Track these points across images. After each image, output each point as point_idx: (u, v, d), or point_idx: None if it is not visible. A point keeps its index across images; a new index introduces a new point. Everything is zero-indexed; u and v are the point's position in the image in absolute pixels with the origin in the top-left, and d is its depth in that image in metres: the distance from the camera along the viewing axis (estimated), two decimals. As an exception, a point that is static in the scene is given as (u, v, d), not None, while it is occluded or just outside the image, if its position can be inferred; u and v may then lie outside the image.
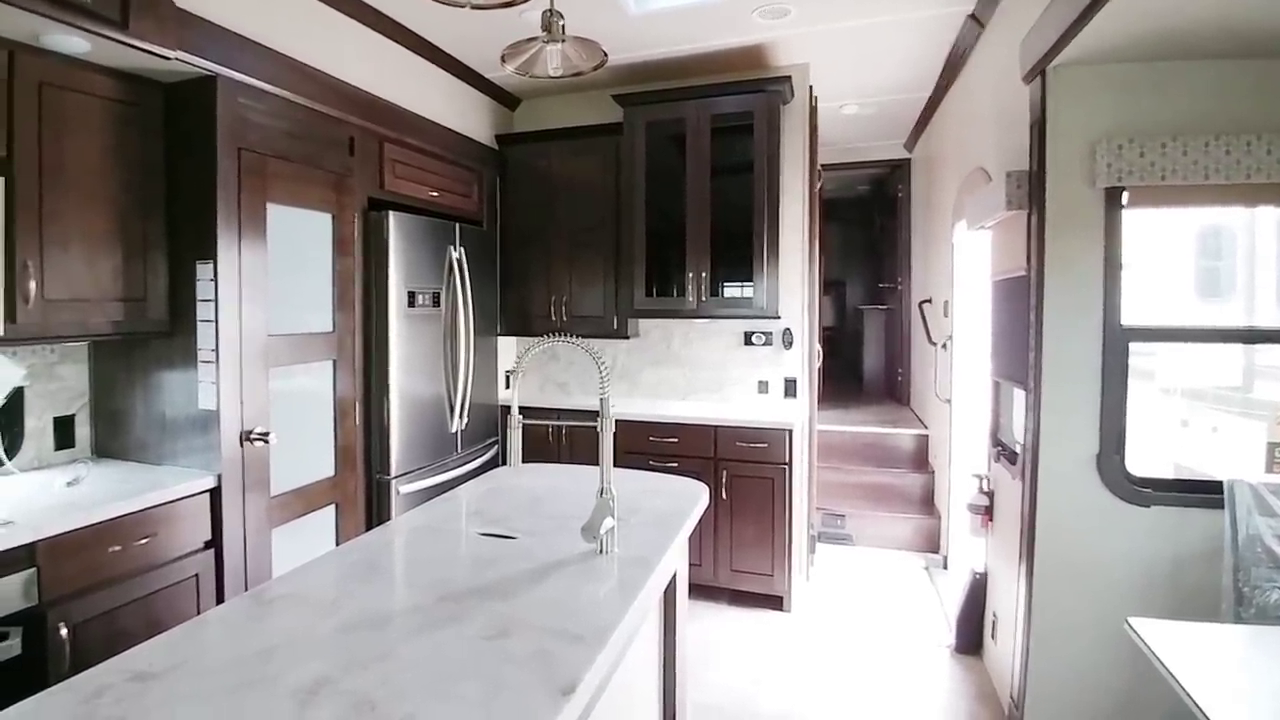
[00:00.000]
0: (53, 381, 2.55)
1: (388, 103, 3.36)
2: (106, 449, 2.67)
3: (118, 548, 2.11)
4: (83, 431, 2.65)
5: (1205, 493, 2.32)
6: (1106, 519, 2.41)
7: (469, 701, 1.07)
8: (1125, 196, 2.38)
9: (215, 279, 2.47)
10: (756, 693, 2.97)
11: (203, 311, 2.50)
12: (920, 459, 5.19)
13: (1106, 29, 2.08)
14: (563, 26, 2.08)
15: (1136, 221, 2.44)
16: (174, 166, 2.53)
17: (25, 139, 2.09)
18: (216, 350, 2.48)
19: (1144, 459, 2.54)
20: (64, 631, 1.95)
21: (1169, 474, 3.02)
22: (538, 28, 2.09)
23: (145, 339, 2.55)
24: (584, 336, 1.87)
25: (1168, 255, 3.84)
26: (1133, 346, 2.41)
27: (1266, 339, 2.82)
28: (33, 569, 1.89)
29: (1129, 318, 2.40)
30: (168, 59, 2.29)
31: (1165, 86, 2.33)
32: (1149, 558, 2.37)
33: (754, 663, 3.22)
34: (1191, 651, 1.61)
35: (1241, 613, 2.09)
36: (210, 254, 2.48)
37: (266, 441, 2.63)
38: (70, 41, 2.11)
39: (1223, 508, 2.20)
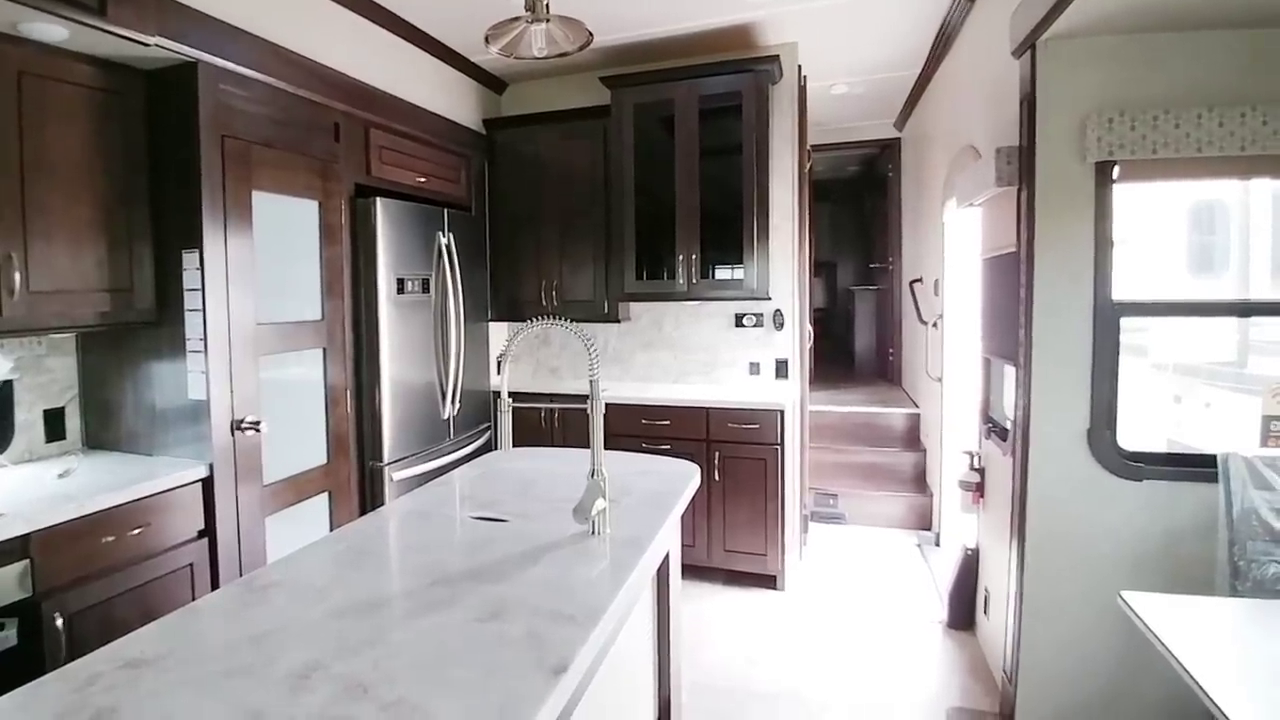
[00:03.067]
0: (41, 374, 2.54)
1: (373, 88, 3.33)
2: (97, 441, 2.67)
3: (111, 538, 2.11)
4: (73, 423, 2.64)
5: (1198, 466, 2.32)
6: (1098, 493, 2.42)
7: (461, 683, 1.08)
8: (1116, 171, 2.37)
9: (202, 268, 2.45)
10: (751, 671, 3.00)
11: (190, 301, 2.48)
12: (912, 437, 5.22)
13: (1096, 1, 2.06)
14: (547, 6, 2.06)
15: (1128, 196, 2.43)
16: (157, 155, 2.50)
17: (5, 129, 2.06)
18: (205, 340, 2.47)
19: (1136, 434, 2.55)
20: (59, 622, 1.95)
21: (1161, 449, 3.04)
22: (522, 8, 2.07)
23: (133, 329, 2.53)
24: (575, 320, 1.86)
25: (1160, 230, 3.84)
26: (1124, 322, 2.41)
27: (1260, 311, 2.81)
28: (26, 560, 1.89)
29: (1120, 293, 2.40)
30: (147, 45, 2.26)
31: (1156, 58, 2.31)
32: (1141, 532, 2.39)
33: (749, 641, 3.24)
34: (1185, 625, 1.61)
35: (1237, 586, 2.09)
36: (196, 243, 2.46)
37: (258, 430, 2.62)
38: (48, 29, 2.08)
39: (1215, 481, 2.20)
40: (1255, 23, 2.22)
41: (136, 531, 2.18)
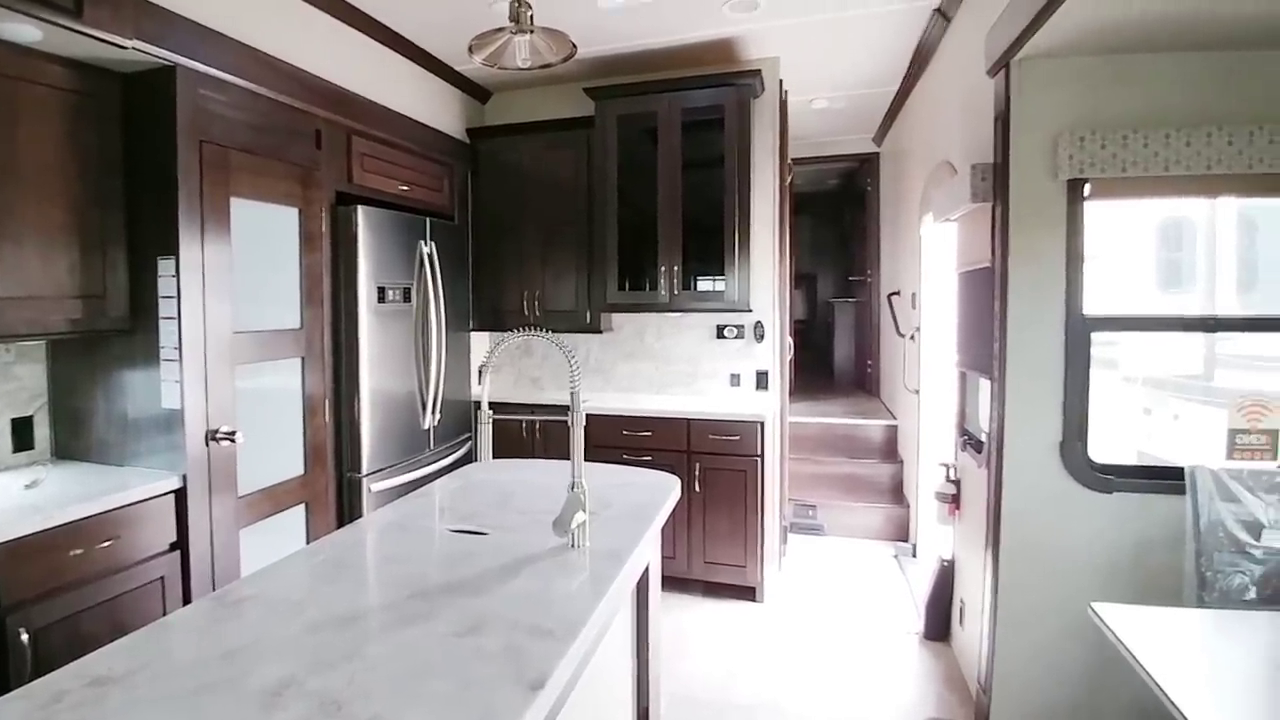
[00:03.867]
0: (9, 382, 2.48)
1: (355, 95, 3.31)
2: (67, 450, 2.61)
3: (79, 551, 2.06)
4: (42, 433, 2.58)
5: (1166, 479, 2.36)
6: (1070, 506, 2.45)
7: (437, 698, 1.07)
8: (1087, 188, 2.41)
9: (177, 275, 2.42)
10: (730, 683, 3.00)
11: (165, 308, 2.44)
12: (890, 449, 5.26)
13: (1069, 22, 2.11)
14: (531, 17, 2.07)
15: (1099, 213, 2.48)
16: (133, 160, 2.47)
17: (-25, 132, 2.03)
18: (180, 348, 2.43)
19: (1107, 447, 2.59)
20: (25, 637, 1.90)
21: (1132, 461, 3.08)
22: (506, 18, 2.08)
23: (105, 337, 2.49)
24: (557, 331, 1.87)
25: (1130, 247, 3.92)
26: (1095, 336, 2.46)
27: (1226, 327, 2.89)
28: (-10, 574, 1.84)
29: (1091, 308, 2.44)
30: (124, 48, 2.23)
31: (1127, 79, 2.36)
32: (1112, 543, 2.42)
33: (728, 653, 3.24)
34: (1154, 635, 1.64)
35: (1204, 597, 2.13)
36: (172, 249, 2.42)
37: (233, 440, 2.58)
38: (22, 30, 2.05)
39: (1184, 494, 2.23)
40: (1220, 45, 2.28)
41: (106, 544, 2.14)
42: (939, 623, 3.31)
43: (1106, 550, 2.43)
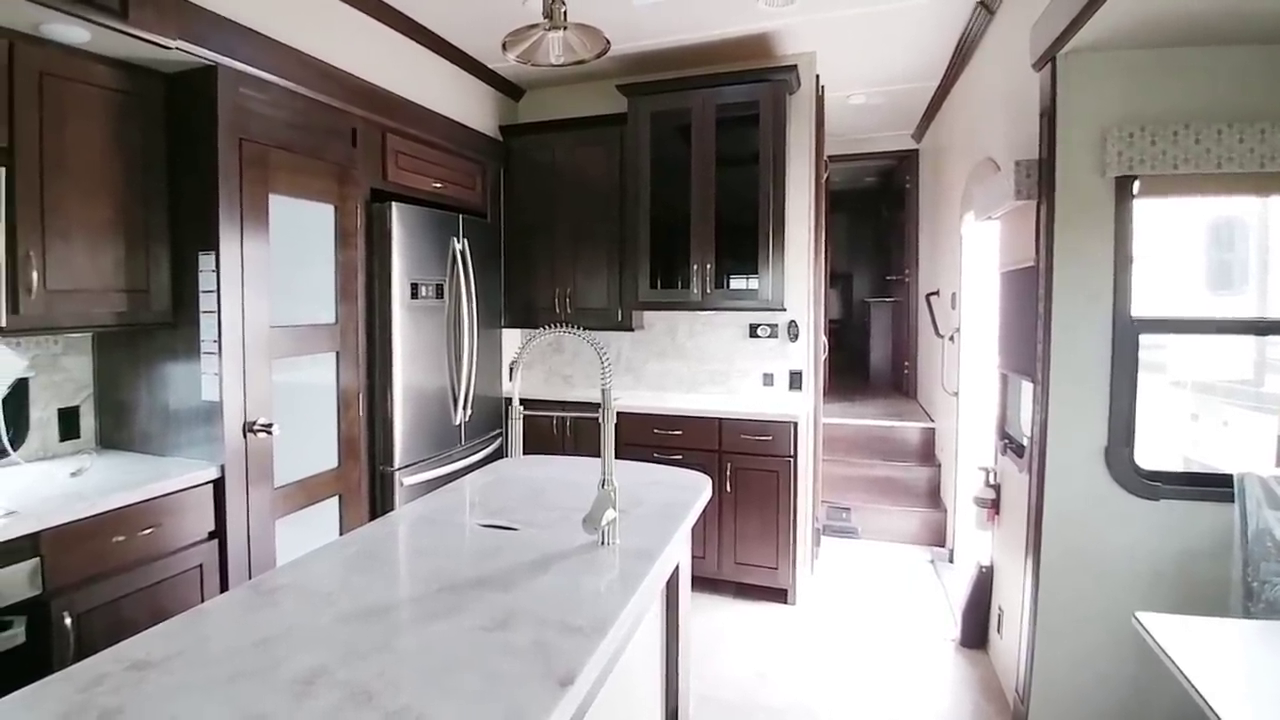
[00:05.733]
0: (57, 373, 2.55)
1: (390, 93, 3.34)
2: (111, 440, 2.68)
3: (121, 538, 2.11)
4: (87, 422, 2.65)
5: (1214, 486, 2.29)
6: (1114, 512, 2.38)
7: (466, 692, 1.06)
8: (1136, 186, 2.34)
9: (218, 270, 2.47)
10: (760, 685, 2.96)
11: (205, 302, 2.49)
12: (927, 452, 5.16)
13: (1117, 14, 2.05)
14: (565, 13, 2.06)
15: (1147, 211, 2.40)
16: (176, 157, 2.52)
17: (26, 129, 2.08)
18: (219, 341, 2.47)
19: (1153, 452, 2.51)
20: (68, 621, 1.95)
21: (1178, 467, 2.99)
22: (540, 15, 2.07)
23: (148, 330, 2.55)
24: (588, 328, 1.86)
25: (1179, 246, 3.80)
26: (1142, 339, 2.38)
27: (1277, 330, 2.80)
28: (36, 558, 1.89)
29: (1139, 309, 2.37)
30: (168, 49, 2.28)
31: (1177, 73, 2.29)
32: (1156, 551, 2.35)
33: (758, 655, 3.21)
34: (1199, 646, 1.59)
35: (1250, 607, 2.07)
36: (212, 245, 2.47)
37: (270, 433, 2.63)
38: (70, 31, 2.10)
39: (1232, 501, 2.17)
40: (1271, 39, 2.21)
41: (147, 531, 2.19)
42: (976, 630, 3.24)
43: (1151, 558, 2.36)
